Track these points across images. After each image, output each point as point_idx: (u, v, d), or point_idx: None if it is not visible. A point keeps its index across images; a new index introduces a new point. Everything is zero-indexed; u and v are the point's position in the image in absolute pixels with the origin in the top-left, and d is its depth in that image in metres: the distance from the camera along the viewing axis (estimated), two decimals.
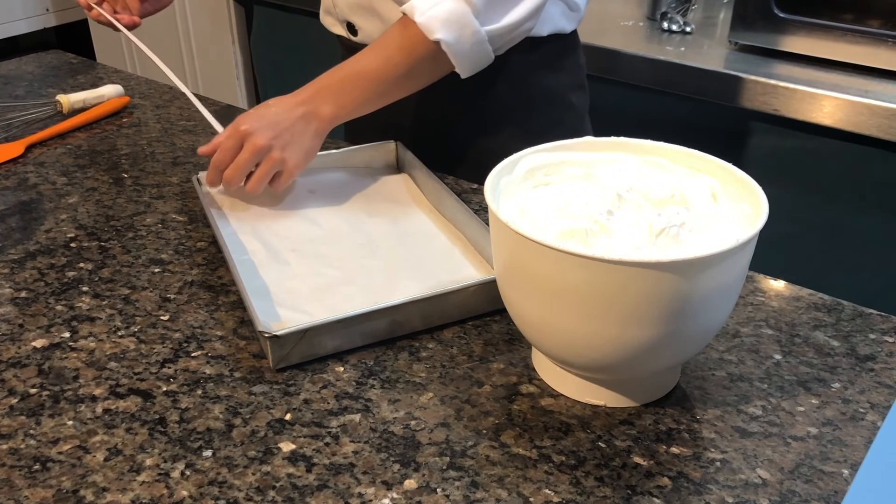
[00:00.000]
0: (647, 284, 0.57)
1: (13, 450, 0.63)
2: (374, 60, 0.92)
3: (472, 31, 0.91)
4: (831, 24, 1.33)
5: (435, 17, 0.89)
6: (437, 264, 0.84)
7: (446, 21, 0.89)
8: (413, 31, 0.90)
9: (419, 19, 0.89)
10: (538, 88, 1.08)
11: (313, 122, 0.91)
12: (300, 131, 0.91)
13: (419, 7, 0.90)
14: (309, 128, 0.91)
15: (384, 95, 0.94)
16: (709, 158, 0.70)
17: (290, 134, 0.90)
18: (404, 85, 0.94)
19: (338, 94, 0.92)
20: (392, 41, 0.92)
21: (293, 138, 0.90)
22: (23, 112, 1.24)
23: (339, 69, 0.94)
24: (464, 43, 0.91)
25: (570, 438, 0.64)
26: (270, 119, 0.91)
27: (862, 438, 0.64)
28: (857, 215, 1.34)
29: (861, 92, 1.25)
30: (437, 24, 0.89)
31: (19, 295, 0.82)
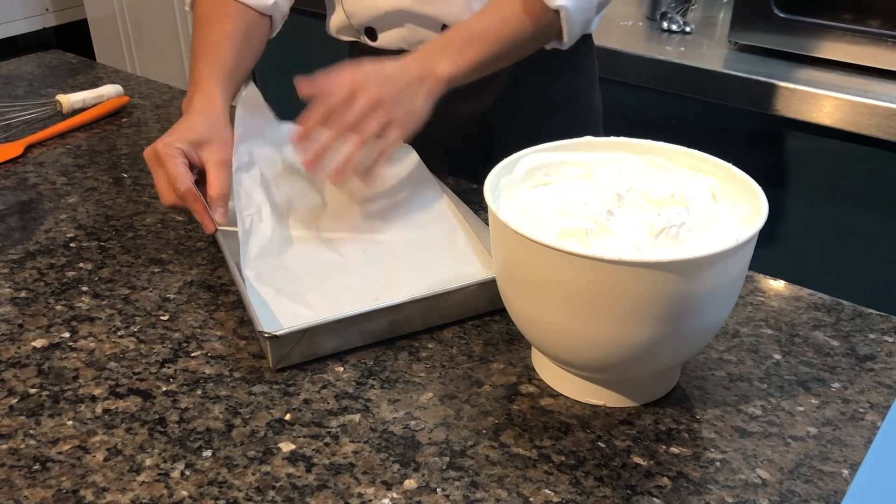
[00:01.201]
0: (647, 284, 0.57)
1: (13, 450, 0.63)
2: (491, 23, 0.90)
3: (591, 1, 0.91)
4: (831, 24, 1.33)
5: None
6: (437, 263, 0.84)
7: None
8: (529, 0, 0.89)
9: None
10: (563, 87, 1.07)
11: (428, 81, 0.84)
12: (413, 90, 0.84)
13: None
14: (422, 87, 0.84)
15: (498, 59, 0.90)
16: (709, 158, 0.70)
17: (401, 87, 0.83)
18: (515, 51, 0.91)
19: (456, 53, 0.87)
20: (507, 6, 0.90)
21: (407, 97, 0.83)
22: (22, 112, 1.24)
23: (453, 31, 0.90)
24: (580, 9, 0.90)
25: (569, 438, 0.64)
26: (386, 74, 0.84)
27: (862, 438, 0.64)
28: (857, 215, 1.34)
29: (861, 92, 1.25)
30: None
31: (19, 295, 0.82)
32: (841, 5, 1.32)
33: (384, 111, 0.81)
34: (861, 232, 1.34)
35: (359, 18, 1.04)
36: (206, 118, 0.86)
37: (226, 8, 1.00)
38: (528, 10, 0.90)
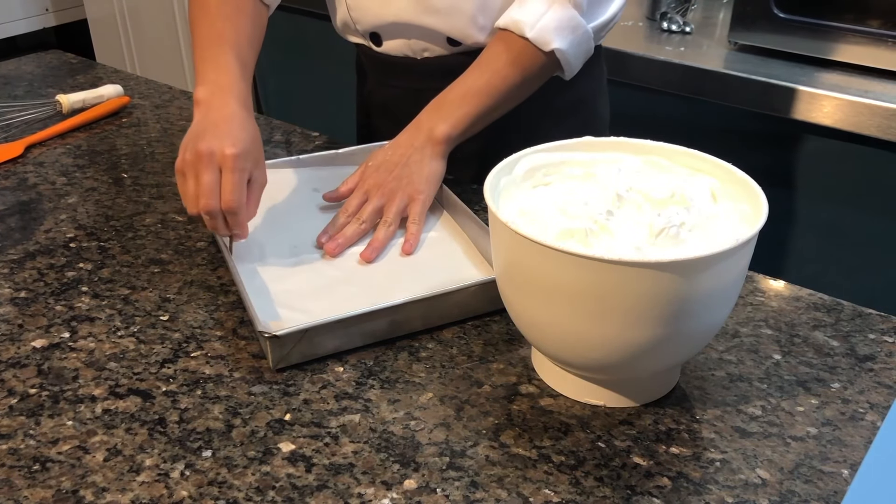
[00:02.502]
0: (646, 284, 0.57)
1: (13, 450, 0.63)
2: (481, 77, 0.91)
3: (582, 32, 0.91)
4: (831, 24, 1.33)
5: (546, 29, 0.89)
6: (437, 264, 0.84)
7: (558, 29, 0.89)
8: (520, 45, 0.90)
9: (530, 34, 0.89)
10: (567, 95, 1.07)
11: (428, 146, 0.90)
12: (417, 160, 0.90)
13: (527, 21, 0.89)
14: (425, 153, 0.90)
15: (496, 108, 0.93)
16: (709, 158, 0.70)
17: (405, 167, 0.90)
18: (515, 95, 0.93)
19: (450, 112, 0.91)
20: (498, 56, 0.91)
21: (410, 169, 0.90)
22: (22, 112, 1.24)
23: (446, 92, 0.93)
24: (575, 45, 0.91)
25: (569, 438, 0.64)
26: (390, 161, 0.91)
27: (861, 438, 0.64)
28: (857, 215, 1.34)
29: (861, 92, 1.25)
30: (550, 34, 0.89)
31: (19, 295, 0.82)
32: (841, 5, 1.32)
33: (400, 195, 0.89)
34: (861, 232, 1.34)
35: (364, 25, 1.04)
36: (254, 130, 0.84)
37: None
38: (521, 58, 0.91)
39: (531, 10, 0.90)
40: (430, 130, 0.90)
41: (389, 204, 0.88)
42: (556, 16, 0.89)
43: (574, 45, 0.91)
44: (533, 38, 0.89)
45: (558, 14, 0.89)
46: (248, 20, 0.98)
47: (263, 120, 1.24)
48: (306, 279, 0.81)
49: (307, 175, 1.00)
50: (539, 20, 0.89)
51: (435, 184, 0.91)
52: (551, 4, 0.90)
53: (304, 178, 0.99)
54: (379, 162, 0.91)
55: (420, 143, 0.90)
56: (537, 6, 0.90)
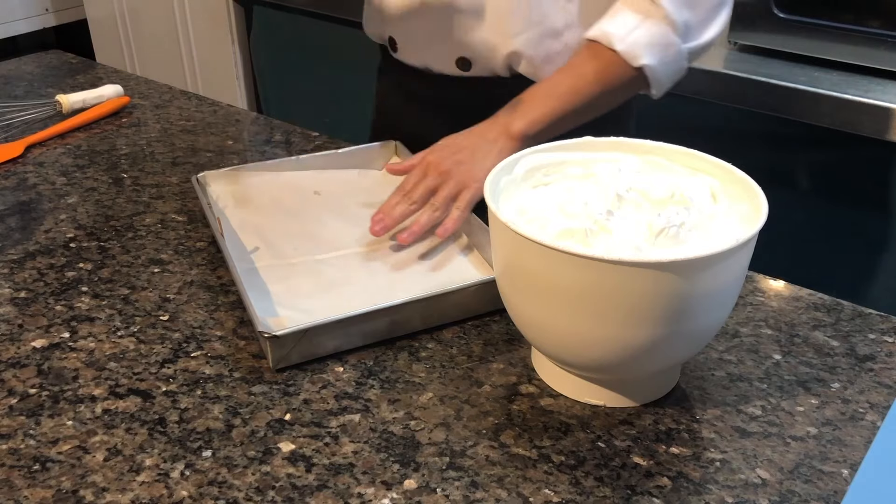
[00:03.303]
0: (646, 284, 0.57)
1: (13, 450, 0.63)
2: (565, 80, 0.89)
3: (674, 52, 0.88)
4: (831, 24, 1.33)
5: (636, 43, 0.86)
6: (437, 264, 0.84)
7: (649, 45, 0.87)
8: (608, 56, 0.88)
9: (620, 47, 0.86)
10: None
11: (500, 140, 0.87)
12: (484, 151, 0.87)
13: (617, 34, 0.87)
14: (494, 148, 0.87)
15: (576, 114, 0.90)
16: (709, 158, 0.70)
17: (470, 153, 0.87)
18: (596, 104, 0.91)
19: (528, 108, 0.88)
20: (585, 63, 0.89)
21: (474, 157, 0.87)
22: (22, 112, 1.24)
23: (527, 90, 0.90)
24: (665, 64, 0.88)
25: (569, 438, 0.64)
26: (459, 145, 0.88)
27: (861, 438, 0.64)
28: (857, 215, 1.34)
29: (861, 92, 1.25)
30: (641, 49, 0.86)
31: (19, 295, 0.82)
32: (841, 5, 1.32)
33: (455, 179, 0.86)
34: (861, 232, 1.34)
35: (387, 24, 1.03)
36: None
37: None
38: (608, 69, 0.88)
39: (622, 22, 0.87)
40: (505, 125, 0.87)
41: (442, 186, 0.86)
42: (648, 31, 0.86)
43: (664, 64, 0.88)
44: (622, 52, 0.86)
45: (651, 30, 0.86)
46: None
47: (263, 120, 1.24)
48: (306, 279, 0.81)
49: (308, 176, 1.00)
50: (630, 34, 0.86)
51: None
52: (645, 19, 0.87)
53: (305, 179, 0.99)
54: (447, 143, 0.89)
55: (493, 136, 0.87)
56: (629, 19, 0.87)
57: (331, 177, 1.00)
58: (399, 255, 0.86)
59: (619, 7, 0.89)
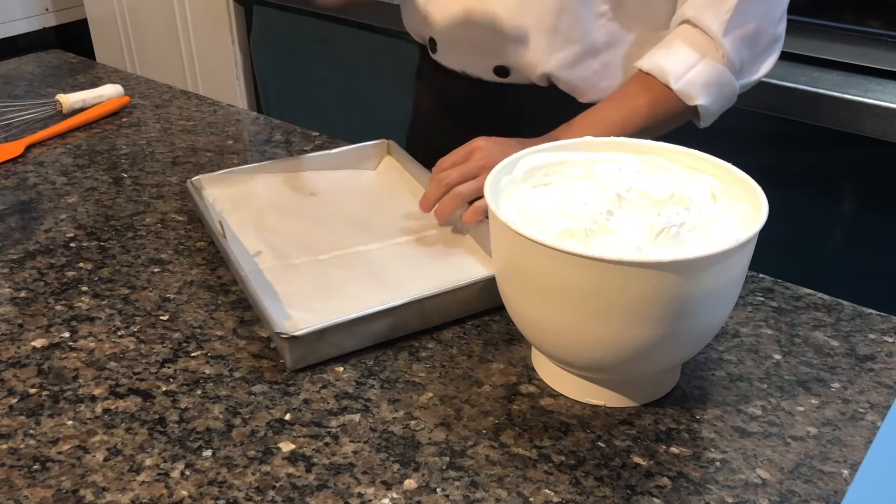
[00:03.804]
0: (647, 284, 0.57)
1: (13, 450, 0.63)
2: (619, 110, 0.88)
3: (729, 89, 0.87)
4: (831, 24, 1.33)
5: (693, 83, 0.85)
6: (441, 262, 0.84)
7: (705, 85, 0.86)
8: (662, 91, 0.86)
9: (676, 86, 0.85)
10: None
11: None
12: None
13: (674, 72, 0.85)
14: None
15: None
16: (709, 158, 0.70)
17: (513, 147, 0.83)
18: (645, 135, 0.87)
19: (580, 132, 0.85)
20: (639, 95, 0.88)
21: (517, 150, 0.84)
22: (22, 112, 1.24)
23: (582, 116, 0.89)
24: (719, 101, 0.88)
25: (569, 438, 0.64)
26: (504, 141, 0.87)
27: (861, 438, 0.64)
28: (857, 215, 1.34)
29: (861, 92, 1.25)
30: (697, 89, 0.85)
31: (19, 295, 0.82)
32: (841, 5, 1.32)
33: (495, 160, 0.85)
34: (861, 232, 1.34)
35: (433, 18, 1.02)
36: None
37: None
38: (660, 101, 0.87)
39: (680, 59, 0.86)
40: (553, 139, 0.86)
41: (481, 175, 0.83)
42: (706, 70, 0.85)
43: (718, 102, 0.88)
44: (678, 91, 0.85)
45: (708, 69, 0.85)
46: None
47: (263, 120, 1.24)
48: (311, 280, 0.81)
49: (303, 178, 0.99)
50: (687, 72, 0.85)
51: None
52: (703, 56, 0.85)
53: (300, 180, 0.99)
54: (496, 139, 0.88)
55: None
56: (687, 57, 0.86)
57: (326, 177, 1.00)
58: (401, 253, 0.86)
59: (677, 41, 0.87)
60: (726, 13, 0.84)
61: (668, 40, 0.89)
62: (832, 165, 1.34)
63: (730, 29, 0.85)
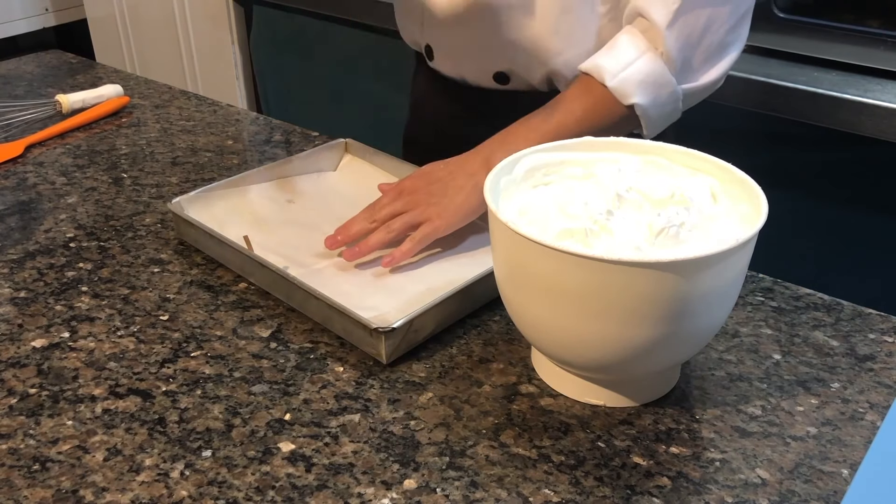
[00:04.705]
0: (647, 284, 0.57)
1: (13, 450, 0.63)
2: (554, 114, 0.86)
3: (668, 91, 0.85)
4: (831, 24, 1.33)
5: (629, 80, 0.83)
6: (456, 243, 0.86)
7: (642, 83, 0.84)
8: (599, 92, 0.85)
9: (611, 83, 0.83)
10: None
11: (479, 174, 0.83)
12: (458, 186, 0.84)
13: (609, 69, 0.84)
14: (470, 181, 0.84)
15: None
16: (709, 158, 0.70)
17: (444, 186, 0.84)
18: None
19: (512, 146, 0.82)
20: (575, 99, 0.86)
21: (447, 191, 0.84)
22: (22, 112, 1.24)
23: (515, 124, 0.87)
24: (658, 104, 0.85)
25: (569, 438, 0.64)
26: (431, 171, 0.86)
27: (861, 438, 0.64)
28: (857, 215, 1.34)
29: (861, 92, 1.25)
30: (633, 87, 0.84)
31: (19, 295, 0.82)
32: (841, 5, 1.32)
33: (421, 210, 0.84)
34: (861, 232, 1.34)
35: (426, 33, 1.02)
36: None
37: None
38: (598, 105, 0.85)
39: (618, 57, 0.84)
40: (486, 160, 0.84)
41: (406, 213, 0.84)
42: (644, 68, 0.84)
43: (657, 105, 0.85)
44: (613, 88, 0.84)
45: (647, 66, 0.83)
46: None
47: (263, 120, 1.24)
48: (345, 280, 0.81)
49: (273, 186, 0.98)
50: (624, 70, 0.84)
51: (463, 217, 0.84)
52: (642, 54, 0.84)
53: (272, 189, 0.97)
54: (426, 171, 0.87)
55: (472, 170, 0.85)
56: (626, 54, 0.84)
57: (296, 183, 1.00)
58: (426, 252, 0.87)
59: (620, 38, 0.86)
60: (674, 3, 0.82)
61: (613, 39, 0.87)
62: (832, 165, 1.34)
63: (675, 21, 0.82)
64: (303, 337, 0.75)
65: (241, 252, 0.82)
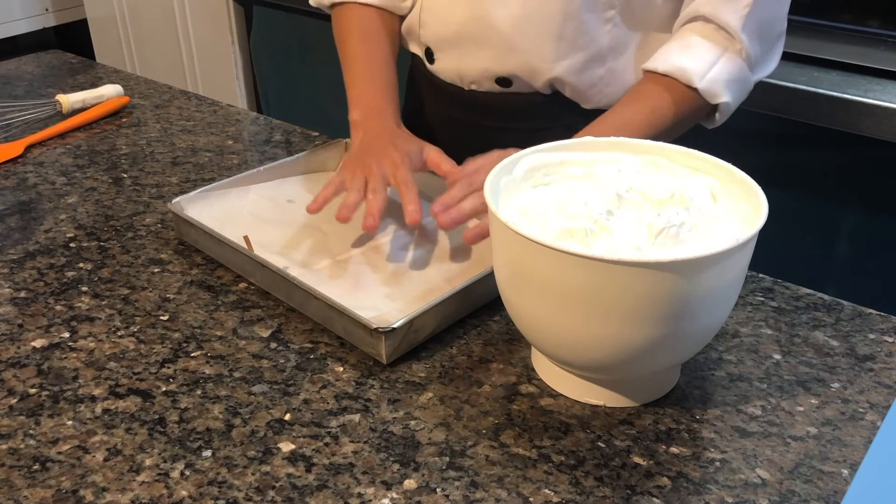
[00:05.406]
0: (647, 284, 0.57)
1: (13, 450, 0.63)
2: (642, 112, 0.87)
3: (747, 86, 0.88)
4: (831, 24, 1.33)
5: (717, 80, 0.85)
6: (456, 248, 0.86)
7: (728, 81, 0.85)
8: (683, 92, 0.86)
9: (700, 85, 0.85)
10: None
11: None
12: None
13: (696, 71, 0.85)
14: None
15: None
16: (709, 158, 0.70)
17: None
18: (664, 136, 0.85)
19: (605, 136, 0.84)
20: (661, 96, 0.87)
21: None
22: (22, 112, 1.24)
23: (602, 119, 0.87)
24: (739, 98, 0.88)
25: (569, 438, 0.64)
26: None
27: (861, 438, 0.64)
28: (857, 215, 1.34)
29: (861, 92, 1.25)
30: (721, 87, 0.85)
31: (19, 295, 0.82)
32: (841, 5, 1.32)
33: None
34: (861, 232, 1.34)
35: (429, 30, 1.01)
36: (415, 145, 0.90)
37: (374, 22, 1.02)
38: (682, 101, 0.86)
39: (700, 57, 0.85)
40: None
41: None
42: (727, 67, 0.85)
43: (738, 99, 0.88)
44: (702, 90, 0.85)
45: (729, 66, 0.85)
46: (388, 37, 1.00)
47: (263, 120, 1.24)
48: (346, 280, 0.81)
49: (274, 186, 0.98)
50: (709, 70, 0.85)
51: None
52: (722, 54, 0.85)
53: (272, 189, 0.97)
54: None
55: None
56: (707, 55, 0.85)
57: (295, 183, 1.00)
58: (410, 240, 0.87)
59: (692, 38, 0.86)
60: (744, 7, 0.84)
61: (683, 39, 0.87)
62: (832, 165, 1.34)
63: (747, 24, 0.85)
64: (303, 337, 0.75)
65: (241, 252, 0.82)
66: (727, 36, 0.85)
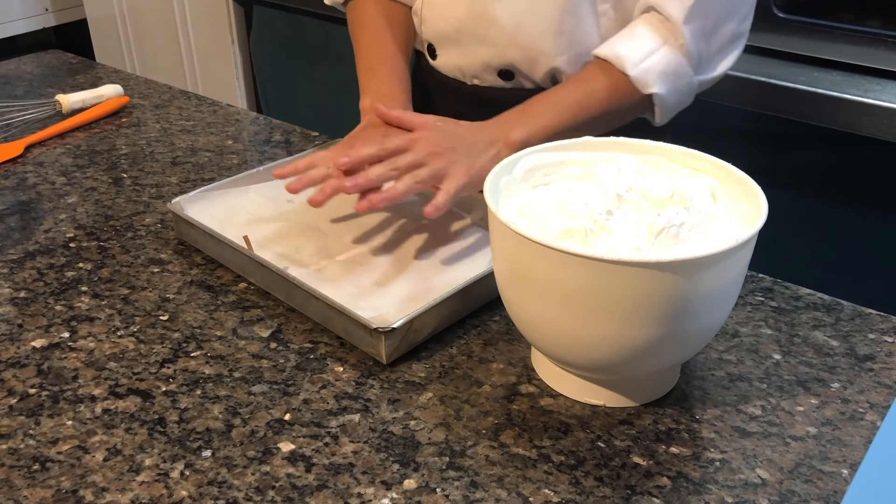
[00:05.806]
0: (647, 284, 0.57)
1: (12, 450, 0.63)
2: (575, 92, 0.87)
3: (686, 82, 0.87)
4: (831, 24, 1.33)
5: (650, 70, 0.85)
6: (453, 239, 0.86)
7: (662, 73, 0.86)
8: (618, 77, 0.86)
9: (632, 72, 0.85)
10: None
11: (497, 144, 0.83)
12: (478, 150, 0.82)
13: (631, 59, 0.85)
14: (490, 150, 0.83)
15: (577, 129, 0.85)
16: (709, 158, 0.70)
17: (466, 147, 0.82)
18: (599, 123, 0.88)
19: (532, 118, 0.85)
20: (596, 79, 0.88)
21: (469, 152, 0.82)
22: (22, 112, 1.24)
23: (535, 98, 0.88)
24: (675, 94, 0.87)
25: (569, 438, 0.64)
26: (457, 131, 0.84)
27: (861, 438, 0.64)
28: (857, 215, 1.34)
29: (861, 92, 1.25)
30: (653, 77, 0.85)
31: (18, 295, 0.82)
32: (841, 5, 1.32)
33: (444, 163, 0.80)
34: (860, 232, 1.34)
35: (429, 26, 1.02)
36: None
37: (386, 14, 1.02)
38: (616, 87, 0.87)
39: (639, 46, 0.86)
40: (506, 131, 0.84)
41: (428, 164, 0.80)
42: (664, 58, 0.85)
43: (674, 94, 0.87)
44: (634, 77, 0.85)
45: (667, 57, 0.85)
46: (401, 28, 1.00)
47: (263, 120, 1.24)
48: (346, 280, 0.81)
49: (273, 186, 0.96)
50: (645, 59, 0.85)
51: (480, 182, 0.79)
52: (662, 45, 0.85)
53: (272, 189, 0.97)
54: (444, 127, 0.84)
55: (491, 138, 0.84)
56: (646, 43, 0.86)
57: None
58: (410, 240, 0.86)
59: (638, 27, 0.87)
60: (689, 0, 0.84)
61: (629, 28, 0.88)
62: (832, 165, 1.34)
63: (691, 18, 0.85)
64: (303, 337, 0.75)
65: (241, 252, 0.82)
66: (671, 28, 0.86)
